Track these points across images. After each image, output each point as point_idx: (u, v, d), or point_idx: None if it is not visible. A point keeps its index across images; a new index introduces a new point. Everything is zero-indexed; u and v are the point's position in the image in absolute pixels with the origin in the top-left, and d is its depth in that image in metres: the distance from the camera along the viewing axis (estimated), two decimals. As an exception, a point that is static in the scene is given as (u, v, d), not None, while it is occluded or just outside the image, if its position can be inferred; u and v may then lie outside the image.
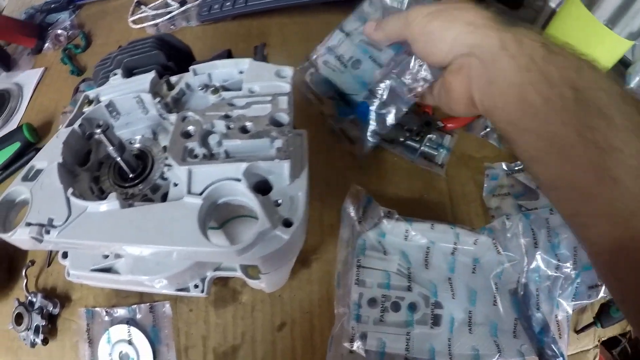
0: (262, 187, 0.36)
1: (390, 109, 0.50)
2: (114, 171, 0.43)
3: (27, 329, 0.54)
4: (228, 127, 0.37)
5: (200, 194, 0.35)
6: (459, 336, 0.48)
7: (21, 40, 0.80)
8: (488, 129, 0.58)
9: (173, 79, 0.45)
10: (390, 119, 0.50)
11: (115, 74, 0.46)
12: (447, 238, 0.51)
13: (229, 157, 0.37)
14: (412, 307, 0.48)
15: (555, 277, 0.48)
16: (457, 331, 0.48)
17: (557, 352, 0.46)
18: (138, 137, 0.44)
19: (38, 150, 0.67)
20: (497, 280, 0.50)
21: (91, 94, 0.47)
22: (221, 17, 0.73)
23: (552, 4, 0.62)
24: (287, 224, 0.34)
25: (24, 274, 0.57)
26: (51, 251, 0.58)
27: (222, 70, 0.45)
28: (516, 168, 0.56)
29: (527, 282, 0.48)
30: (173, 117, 0.41)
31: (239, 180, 0.35)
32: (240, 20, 0.75)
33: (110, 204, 0.36)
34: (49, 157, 0.41)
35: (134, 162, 0.42)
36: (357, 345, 0.46)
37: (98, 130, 0.36)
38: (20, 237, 0.37)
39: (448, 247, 0.51)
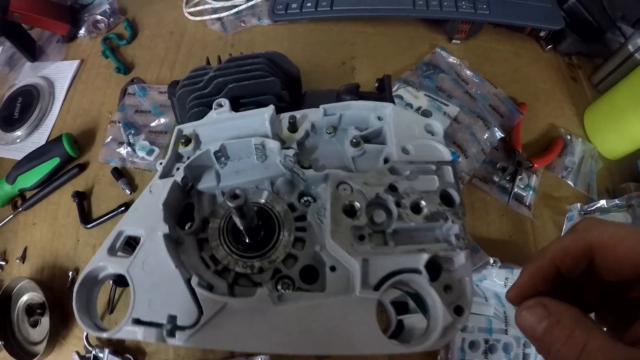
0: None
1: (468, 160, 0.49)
2: (225, 234, 0.31)
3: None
4: (398, 205, 0.27)
5: (375, 287, 0.25)
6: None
7: (52, 25, 0.57)
8: (568, 169, 0.51)
9: (297, 115, 0.32)
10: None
11: (220, 105, 0.32)
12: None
13: (396, 237, 0.27)
14: (506, 347, 0.43)
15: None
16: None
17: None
18: (264, 194, 0.32)
19: (80, 166, 0.50)
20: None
21: (186, 129, 0.33)
22: (298, 18, 0.56)
23: (631, 47, 0.53)
24: (459, 311, 0.26)
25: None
26: (113, 296, 0.44)
27: (357, 112, 0.32)
28: (589, 209, 0.50)
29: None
30: (313, 174, 0.29)
31: (419, 272, 0.25)
32: (317, 23, 0.59)
33: (259, 300, 0.24)
34: (144, 222, 0.29)
35: (255, 225, 0.29)
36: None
37: (232, 204, 0.24)
38: (127, 337, 0.25)
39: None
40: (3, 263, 0.50)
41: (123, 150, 0.49)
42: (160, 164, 0.31)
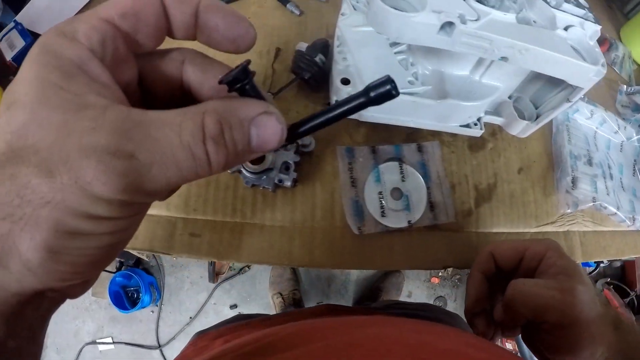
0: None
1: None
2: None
3: (269, 169, 0.46)
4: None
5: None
6: (619, 192, 0.63)
7: None
8: (615, 60, 0.76)
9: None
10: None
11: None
12: (611, 121, 0.66)
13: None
14: (600, 163, 0.62)
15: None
16: (617, 189, 0.63)
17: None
18: None
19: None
20: (637, 157, 0.67)
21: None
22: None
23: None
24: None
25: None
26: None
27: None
28: (631, 91, 0.75)
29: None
30: None
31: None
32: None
33: (510, 17, 0.43)
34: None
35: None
36: (574, 187, 0.58)
37: None
38: (425, 20, 0.39)
39: (612, 129, 0.66)
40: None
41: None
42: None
